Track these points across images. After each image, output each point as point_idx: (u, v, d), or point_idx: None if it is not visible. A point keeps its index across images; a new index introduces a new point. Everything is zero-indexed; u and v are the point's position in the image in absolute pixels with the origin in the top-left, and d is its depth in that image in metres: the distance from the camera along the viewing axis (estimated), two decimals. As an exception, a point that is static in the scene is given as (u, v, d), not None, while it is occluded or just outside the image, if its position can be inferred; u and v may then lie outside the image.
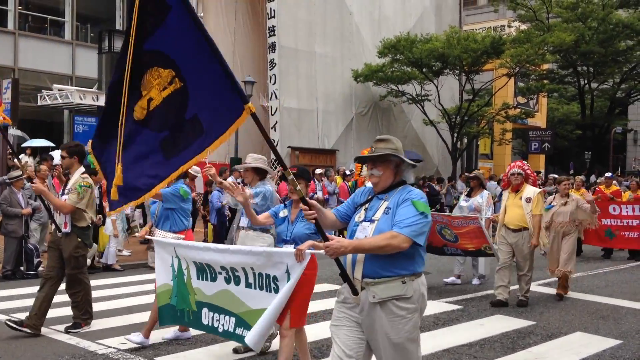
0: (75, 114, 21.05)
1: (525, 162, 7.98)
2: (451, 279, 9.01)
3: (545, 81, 27.23)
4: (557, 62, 27.25)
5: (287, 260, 4.18)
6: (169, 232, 5.84)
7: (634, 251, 12.22)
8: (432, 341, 5.89)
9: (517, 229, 7.47)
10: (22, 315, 6.57)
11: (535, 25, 26.21)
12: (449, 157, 23.09)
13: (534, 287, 8.92)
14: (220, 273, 4.54)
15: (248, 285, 4.37)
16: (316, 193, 14.10)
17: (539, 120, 32.95)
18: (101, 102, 20.10)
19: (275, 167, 17.56)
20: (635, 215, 11.80)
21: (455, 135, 22.38)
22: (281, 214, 4.70)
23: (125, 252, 11.13)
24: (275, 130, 18.55)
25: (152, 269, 10.03)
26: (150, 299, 7.55)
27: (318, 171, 14.84)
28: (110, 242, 9.87)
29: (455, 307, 7.41)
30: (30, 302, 7.26)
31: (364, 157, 3.47)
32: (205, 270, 4.66)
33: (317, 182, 14.26)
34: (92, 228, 6.27)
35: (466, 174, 17.56)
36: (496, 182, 19.34)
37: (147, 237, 6.16)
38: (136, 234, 12.85)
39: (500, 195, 10.78)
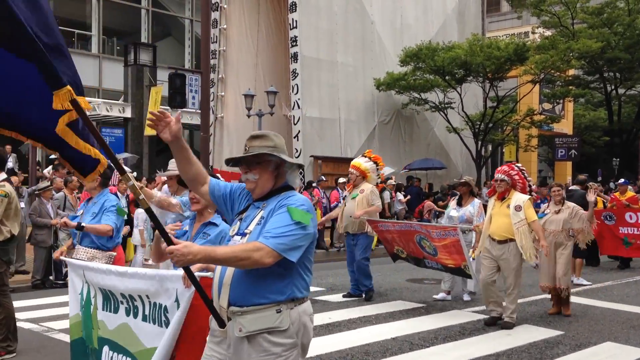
0: (102, 126, 21.43)
1: (517, 165, 7.12)
2: (441, 295, 8.31)
3: (571, 87, 26.90)
4: (582, 68, 26.90)
5: (177, 285, 3.38)
6: (92, 248, 4.83)
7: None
8: (457, 351, 5.83)
9: (503, 241, 6.69)
10: (51, 324, 6.69)
11: (560, 32, 25.94)
12: (473, 165, 22.90)
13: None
14: (122, 303, 3.74)
15: (144, 317, 3.59)
16: (340, 202, 14.09)
17: (565, 126, 32.51)
18: (127, 113, 20.50)
19: (302, 176, 17.62)
20: None
21: (480, 142, 22.20)
22: (185, 227, 3.79)
23: (151, 262, 11.25)
24: (297, 140, 18.63)
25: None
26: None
27: (341, 180, 14.84)
28: (137, 252, 10.00)
29: (482, 316, 7.32)
30: (59, 310, 7.40)
31: (235, 158, 2.87)
32: (109, 299, 3.84)
33: (340, 190, 14.25)
34: (15, 241, 5.58)
35: (455, 180, 17.18)
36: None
37: (61, 258, 4.94)
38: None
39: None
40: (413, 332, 6.48)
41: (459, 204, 8.17)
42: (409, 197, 16.49)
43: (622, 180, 12.97)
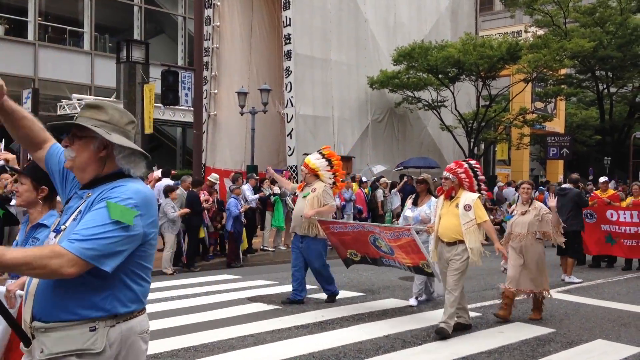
0: (94, 123, 21.28)
1: (469, 163, 6.62)
2: (412, 300, 7.81)
3: (563, 86, 27.02)
4: (575, 67, 27.02)
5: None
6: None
7: (629, 260, 11.42)
8: (449, 349, 5.85)
9: (452, 242, 6.27)
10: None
11: (553, 31, 26.05)
12: (465, 164, 23.00)
13: (554, 294, 8.82)
14: None
15: None
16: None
17: (557, 125, 32.66)
18: (119, 111, 20.35)
19: (294, 174, 17.62)
20: (634, 223, 10.97)
21: (472, 141, 22.25)
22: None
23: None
24: (291, 138, 18.61)
25: (168, 276, 10.10)
26: (168, 305, 7.60)
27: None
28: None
29: (474, 314, 7.34)
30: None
31: (55, 124, 2.40)
32: None
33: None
34: None
35: (412, 177, 17.09)
36: (514, 189, 19.21)
37: None
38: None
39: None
40: (405, 329, 6.49)
41: (415, 203, 7.65)
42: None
43: (603, 177, 12.94)
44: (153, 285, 7.71)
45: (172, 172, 14.07)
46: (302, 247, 7.73)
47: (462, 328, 6.43)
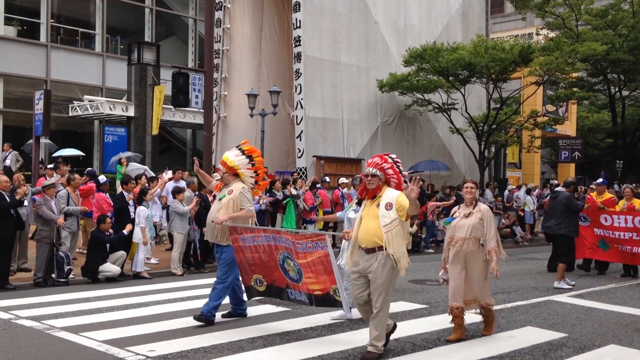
0: (105, 124, 21.44)
1: (391, 157, 5.69)
2: (339, 313, 6.95)
3: (574, 89, 26.85)
4: (586, 70, 26.83)
5: None
6: None
7: (628, 266, 11.04)
8: (460, 353, 5.80)
9: (371, 249, 5.38)
10: (53, 322, 6.68)
11: (564, 33, 25.86)
12: (476, 166, 22.84)
13: (566, 298, 8.77)
14: None
15: None
16: (341, 202, 14.07)
17: (569, 128, 32.44)
18: (131, 112, 20.52)
19: (304, 176, 17.60)
20: (628, 228, 10.54)
21: (483, 143, 22.15)
22: None
23: (153, 260, 11.24)
24: (300, 140, 18.59)
25: (178, 277, 10.11)
26: (178, 306, 7.61)
27: (342, 180, 14.81)
28: (139, 250, 9.99)
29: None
30: (61, 308, 7.39)
31: None
32: None
33: (341, 190, 14.23)
34: None
35: (423, 180, 16.92)
36: (525, 192, 19.11)
37: None
38: (165, 242, 13.02)
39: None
40: (415, 333, 6.45)
41: (359, 203, 6.29)
42: (453, 199, 15.94)
43: (600, 179, 12.63)
44: (163, 286, 7.76)
45: (185, 173, 14.11)
46: (219, 257, 6.83)
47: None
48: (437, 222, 16.02)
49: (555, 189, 11.10)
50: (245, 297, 6.93)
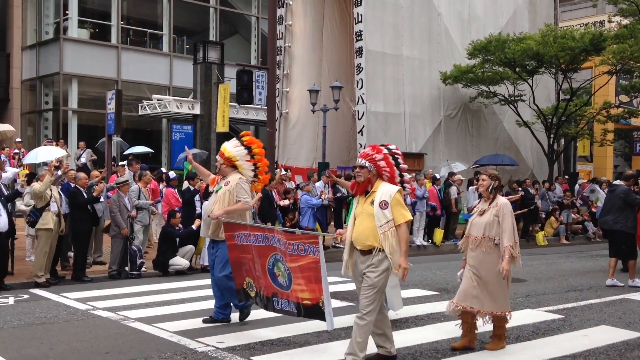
0: (172, 122, 22.09)
1: (388, 148, 5.14)
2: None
3: (650, 78, 25.50)
4: (663, 57, 25.42)
5: None
6: None
7: None
8: (531, 351, 5.65)
9: (367, 250, 4.89)
10: (127, 313, 6.97)
11: (639, 20, 24.59)
12: (544, 160, 22.09)
13: (637, 296, 8.37)
14: None
15: None
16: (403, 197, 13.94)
17: (644, 119, 30.88)
18: (196, 110, 21.06)
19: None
20: None
21: (552, 136, 21.39)
22: None
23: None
24: (362, 135, 18.51)
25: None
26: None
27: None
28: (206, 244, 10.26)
29: (556, 316, 7.07)
30: (135, 300, 7.69)
31: None
32: None
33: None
34: None
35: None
36: (598, 185, 18.31)
37: None
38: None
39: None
40: (483, 330, 6.30)
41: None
42: (521, 193, 15.74)
43: None
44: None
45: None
46: (213, 253, 6.51)
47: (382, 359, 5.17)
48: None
49: (614, 182, 10.42)
50: (235, 301, 6.45)
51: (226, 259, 6.23)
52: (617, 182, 9.95)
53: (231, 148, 6.43)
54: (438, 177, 15.66)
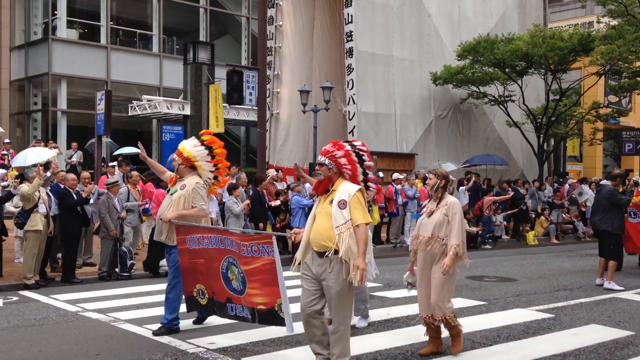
0: (163, 123, 21.99)
1: (353, 144, 4.84)
2: (359, 321, 6.43)
3: (639, 78, 25.71)
4: (651, 57, 25.62)
5: None
6: None
7: None
8: (522, 350, 5.67)
9: (323, 252, 4.59)
10: (118, 314, 6.92)
11: (627, 21, 24.76)
12: (534, 160, 22.22)
13: (632, 295, 8.43)
14: None
15: None
16: (394, 198, 13.96)
17: (633, 119, 31.09)
18: (187, 111, 20.96)
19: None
20: None
21: (542, 136, 21.52)
22: None
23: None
24: (353, 135, 18.54)
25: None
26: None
27: (396, 175, 14.70)
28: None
29: (547, 315, 7.10)
30: (125, 302, 7.64)
31: None
32: None
33: (394, 185, 14.12)
34: None
35: (479, 174, 16.72)
36: (587, 185, 18.43)
37: None
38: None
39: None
40: (474, 330, 6.34)
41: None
42: (511, 193, 15.97)
43: None
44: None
45: (238, 168, 14.31)
46: (167, 260, 6.22)
47: None
48: (494, 218, 15.70)
49: (601, 182, 10.31)
50: (182, 310, 6.17)
51: (175, 265, 5.96)
52: (604, 182, 9.87)
53: (190, 147, 6.10)
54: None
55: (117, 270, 9.56)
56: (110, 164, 14.03)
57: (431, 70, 20.61)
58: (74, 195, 9.23)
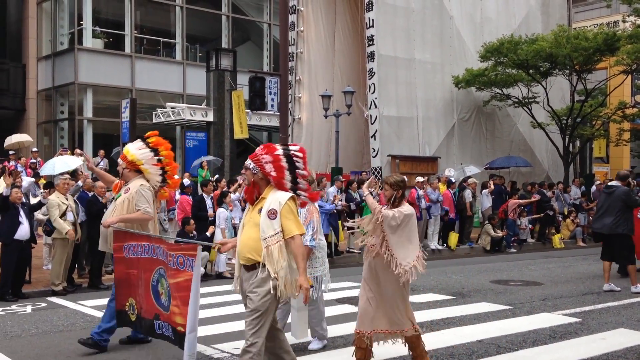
0: (186, 130, 22.24)
1: (284, 147, 4.36)
2: (315, 342, 5.87)
3: (667, 77, 25.24)
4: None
5: None
6: None
7: None
8: (548, 355, 5.60)
9: (250, 266, 4.17)
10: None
11: (654, 19, 24.34)
12: (560, 162, 21.90)
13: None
14: None
15: None
16: (418, 202, 13.89)
17: (661, 119, 30.48)
18: (210, 117, 21.18)
19: (379, 175, 17.54)
20: None
21: (567, 138, 21.21)
22: None
23: (234, 261, 11.54)
24: (375, 139, 18.51)
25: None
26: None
27: (419, 179, 14.63)
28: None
29: (573, 319, 6.99)
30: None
31: None
32: None
33: (417, 189, 14.05)
34: None
35: (503, 177, 16.37)
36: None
37: None
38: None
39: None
40: (500, 334, 6.27)
41: None
42: (536, 197, 15.78)
43: None
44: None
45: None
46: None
47: None
48: (519, 221, 15.52)
49: (610, 183, 9.62)
50: (108, 334, 5.71)
51: None
52: (614, 183, 9.32)
53: (135, 150, 5.74)
54: (454, 180, 15.60)
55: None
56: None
57: (453, 72, 20.47)
58: (101, 201, 9.39)
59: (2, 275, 8.38)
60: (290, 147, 4.38)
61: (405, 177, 5.34)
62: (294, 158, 4.31)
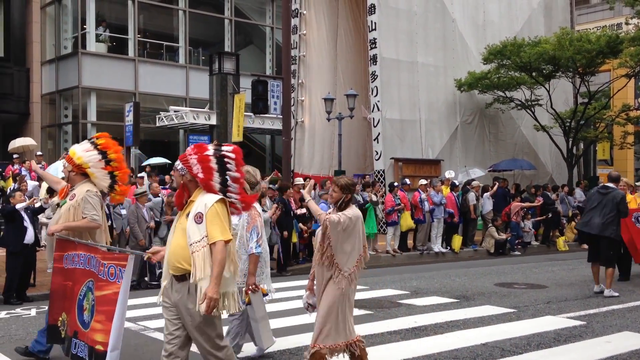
0: (189, 133, 22.26)
1: (217, 146, 4.04)
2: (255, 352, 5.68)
3: (670, 79, 25.20)
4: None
5: None
6: None
7: None
8: (553, 358, 5.59)
9: (180, 276, 3.86)
10: (147, 323, 7.01)
11: (657, 21, 24.31)
12: (564, 164, 21.87)
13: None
14: None
15: None
16: (421, 205, 13.87)
17: (665, 121, 30.41)
18: (213, 121, 21.21)
19: (382, 179, 17.53)
20: None
21: (571, 140, 21.19)
22: None
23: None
24: (378, 142, 18.52)
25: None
26: (267, 307, 7.76)
27: (422, 182, 14.62)
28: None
29: (578, 322, 6.97)
30: (154, 310, 7.73)
31: None
32: None
33: (421, 192, 14.04)
34: None
35: (506, 179, 16.49)
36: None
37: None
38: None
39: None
40: (504, 337, 6.26)
41: None
42: (540, 200, 15.84)
43: None
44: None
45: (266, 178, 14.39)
46: None
47: None
48: (522, 224, 15.49)
49: (606, 184, 9.27)
50: (42, 345, 5.42)
51: None
52: (610, 184, 9.06)
53: (81, 152, 5.27)
54: (457, 183, 15.59)
55: (146, 279, 9.69)
56: (139, 175, 14.26)
57: (456, 76, 20.48)
58: (105, 207, 9.40)
59: (7, 279, 8.40)
60: (223, 147, 4.08)
61: (356, 181, 5.10)
62: (225, 159, 4.00)
